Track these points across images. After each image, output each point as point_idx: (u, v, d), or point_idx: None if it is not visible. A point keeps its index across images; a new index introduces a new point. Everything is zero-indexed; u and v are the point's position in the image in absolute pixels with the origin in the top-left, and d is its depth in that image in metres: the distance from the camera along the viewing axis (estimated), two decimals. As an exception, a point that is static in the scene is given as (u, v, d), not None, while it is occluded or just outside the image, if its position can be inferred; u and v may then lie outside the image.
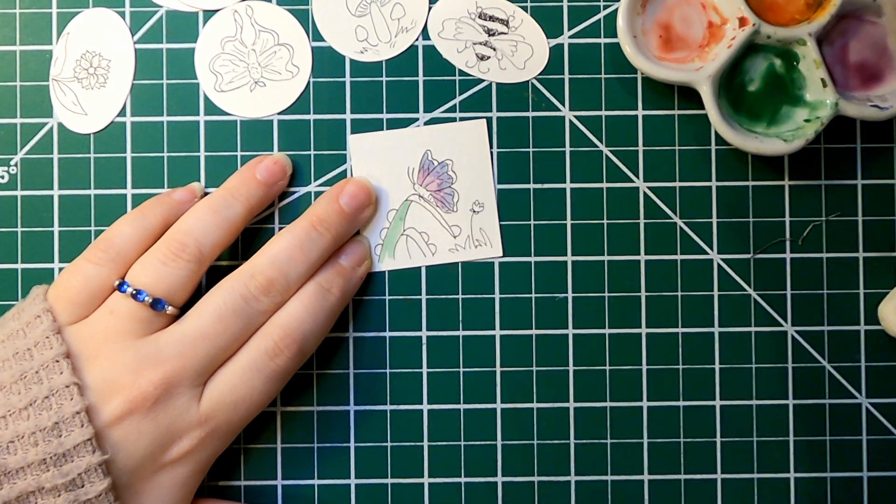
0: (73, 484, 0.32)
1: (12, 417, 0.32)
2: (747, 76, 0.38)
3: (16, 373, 0.33)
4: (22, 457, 0.31)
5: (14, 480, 0.31)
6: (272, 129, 0.39)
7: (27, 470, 0.31)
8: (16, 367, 0.33)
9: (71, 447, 0.32)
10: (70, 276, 0.35)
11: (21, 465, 0.31)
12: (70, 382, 0.32)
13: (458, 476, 0.39)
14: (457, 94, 0.39)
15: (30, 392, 0.32)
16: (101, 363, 0.34)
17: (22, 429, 0.32)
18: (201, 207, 0.36)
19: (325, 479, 0.39)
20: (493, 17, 0.39)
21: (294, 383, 0.39)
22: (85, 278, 0.35)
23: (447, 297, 0.39)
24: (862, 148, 0.40)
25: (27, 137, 0.39)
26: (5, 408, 0.32)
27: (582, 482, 0.39)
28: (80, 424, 0.32)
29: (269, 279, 0.35)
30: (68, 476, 0.31)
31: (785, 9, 0.38)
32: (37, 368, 0.33)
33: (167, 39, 0.39)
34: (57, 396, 0.32)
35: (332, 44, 0.39)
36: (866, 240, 0.39)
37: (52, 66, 0.39)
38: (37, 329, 0.34)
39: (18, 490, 0.31)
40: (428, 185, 0.39)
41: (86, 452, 0.32)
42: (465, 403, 0.39)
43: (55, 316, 0.34)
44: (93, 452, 0.32)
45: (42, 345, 0.33)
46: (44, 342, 0.33)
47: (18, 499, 0.31)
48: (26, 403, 0.32)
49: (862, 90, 0.38)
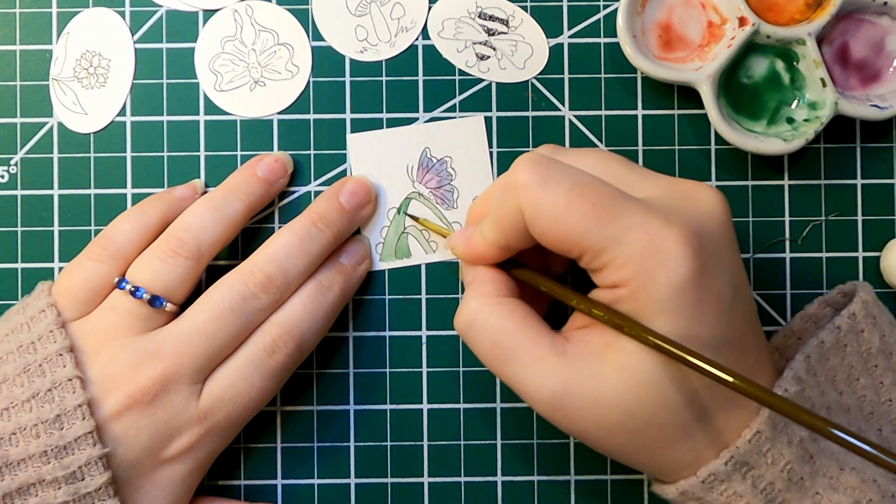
0: (73, 477, 0.32)
1: (15, 410, 0.32)
2: (747, 76, 0.38)
3: (19, 366, 0.33)
4: (24, 448, 0.31)
5: (15, 472, 0.31)
6: (272, 128, 0.39)
7: (28, 462, 0.31)
8: (19, 361, 0.33)
9: (72, 440, 0.32)
10: (71, 273, 0.36)
11: (22, 456, 0.31)
12: (73, 376, 0.32)
13: (458, 476, 0.39)
14: (457, 93, 0.39)
15: (32, 385, 0.32)
16: (102, 359, 0.34)
17: (24, 421, 0.32)
18: (200, 205, 0.36)
19: (325, 479, 0.39)
20: (493, 17, 0.39)
21: (294, 383, 0.39)
22: (85, 275, 0.35)
23: (447, 297, 0.39)
24: (861, 148, 0.40)
25: (27, 137, 0.39)
26: (8, 400, 0.32)
27: (582, 482, 0.39)
28: (82, 417, 0.32)
29: (269, 276, 0.35)
30: (69, 468, 0.31)
31: (785, 9, 0.38)
32: (40, 362, 0.33)
33: (167, 39, 0.39)
34: (59, 389, 0.32)
35: (332, 43, 0.39)
36: (866, 239, 0.39)
37: (52, 66, 0.39)
38: (41, 323, 0.34)
39: (19, 482, 0.31)
40: (427, 182, 0.39)
41: (87, 445, 0.32)
42: (465, 403, 0.39)
43: (59, 311, 0.34)
44: (93, 445, 0.32)
45: (46, 339, 0.33)
46: (47, 336, 0.33)
47: (19, 490, 0.31)
48: (29, 396, 0.32)
49: (861, 90, 0.38)
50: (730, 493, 0.31)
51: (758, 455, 0.31)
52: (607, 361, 0.31)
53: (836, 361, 0.34)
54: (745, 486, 0.31)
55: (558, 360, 0.31)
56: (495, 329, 0.32)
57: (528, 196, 0.31)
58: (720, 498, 0.31)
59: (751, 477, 0.31)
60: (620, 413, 0.30)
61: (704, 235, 0.30)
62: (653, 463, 0.32)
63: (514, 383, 0.32)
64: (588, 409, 0.31)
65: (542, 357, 0.31)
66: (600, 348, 0.31)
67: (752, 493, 0.31)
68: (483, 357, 0.33)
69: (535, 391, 0.31)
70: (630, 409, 0.30)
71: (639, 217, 0.30)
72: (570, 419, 0.31)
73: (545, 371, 0.31)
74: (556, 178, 0.30)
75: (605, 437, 0.31)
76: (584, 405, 0.30)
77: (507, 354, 0.32)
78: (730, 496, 0.31)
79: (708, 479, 0.31)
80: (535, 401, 0.31)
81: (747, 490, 0.31)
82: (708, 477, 0.31)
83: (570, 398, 0.30)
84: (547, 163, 0.31)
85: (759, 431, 0.31)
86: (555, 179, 0.30)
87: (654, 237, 0.29)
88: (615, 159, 0.33)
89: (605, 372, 0.30)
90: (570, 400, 0.30)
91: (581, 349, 0.31)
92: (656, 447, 0.31)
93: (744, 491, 0.31)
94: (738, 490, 0.31)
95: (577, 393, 0.30)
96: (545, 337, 0.32)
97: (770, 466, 0.31)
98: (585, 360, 0.31)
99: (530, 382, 0.31)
